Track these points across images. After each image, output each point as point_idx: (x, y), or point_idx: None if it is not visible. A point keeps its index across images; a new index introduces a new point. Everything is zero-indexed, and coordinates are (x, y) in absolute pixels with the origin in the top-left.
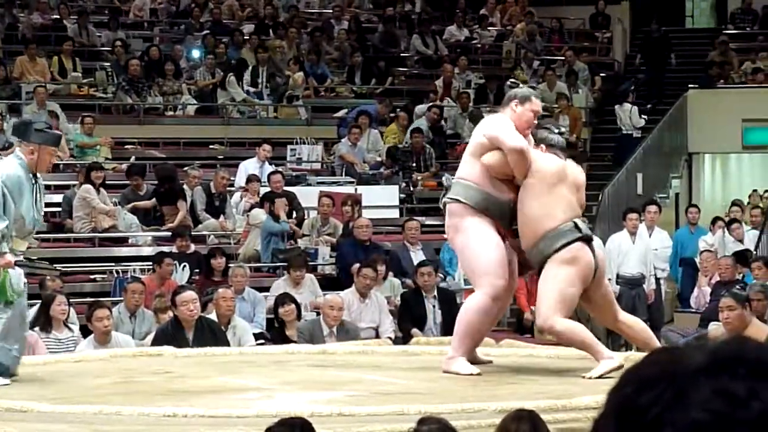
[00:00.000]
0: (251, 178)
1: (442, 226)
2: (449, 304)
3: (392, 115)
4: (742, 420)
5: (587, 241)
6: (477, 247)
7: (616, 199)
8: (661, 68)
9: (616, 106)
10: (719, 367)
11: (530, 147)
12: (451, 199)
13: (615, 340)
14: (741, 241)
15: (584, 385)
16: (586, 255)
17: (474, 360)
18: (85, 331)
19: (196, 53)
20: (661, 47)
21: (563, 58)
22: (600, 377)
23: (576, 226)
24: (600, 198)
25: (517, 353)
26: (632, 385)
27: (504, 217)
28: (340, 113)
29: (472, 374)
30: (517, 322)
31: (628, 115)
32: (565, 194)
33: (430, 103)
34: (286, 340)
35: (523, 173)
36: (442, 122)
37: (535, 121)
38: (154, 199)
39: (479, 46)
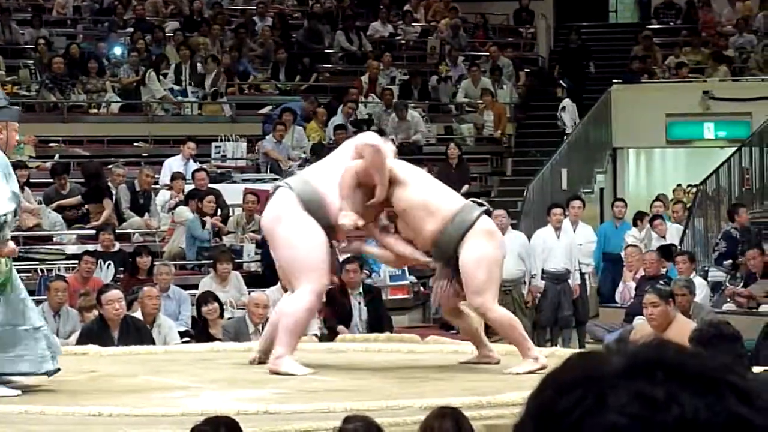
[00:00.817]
0: (176, 176)
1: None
2: (375, 300)
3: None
4: (661, 423)
5: (489, 214)
6: (304, 243)
7: (540, 194)
8: (581, 78)
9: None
10: (638, 370)
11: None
12: (285, 184)
13: (540, 336)
14: (664, 237)
15: (509, 382)
16: (495, 227)
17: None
18: None
19: (118, 50)
20: (580, 56)
21: (488, 53)
22: (519, 374)
23: (474, 202)
24: (525, 193)
25: (442, 350)
26: (551, 389)
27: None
28: (265, 110)
29: (305, 375)
30: (442, 319)
31: (570, 115)
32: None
33: (351, 100)
34: (210, 339)
35: (383, 181)
36: (366, 118)
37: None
38: (79, 197)
39: (403, 42)
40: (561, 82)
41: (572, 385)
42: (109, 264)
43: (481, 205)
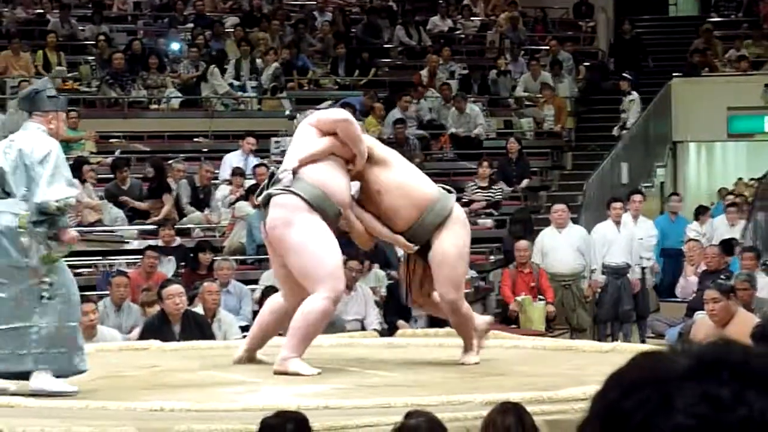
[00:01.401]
0: (236, 171)
1: None
2: None
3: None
4: (727, 424)
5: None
6: (318, 248)
7: (600, 188)
8: (637, 71)
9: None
10: (704, 371)
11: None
12: (284, 190)
13: (601, 330)
14: (734, 225)
15: (570, 377)
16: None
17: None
18: None
19: (177, 46)
20: (635, 49)
21: (547, 47)
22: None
23: (442, 188)
24: (585, 187)
25: (503, 345)
26: (617, 389)
27: (333, 223)
28: (324, 105)
29: (313, 374)
30: (502, 313)
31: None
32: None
33: (415, 96)
34: None
35: (362, 150)
36: (427, 113)
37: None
38: (148, 203)
39: (463, 36)
40: (625, 75)
41: (638, 386)
42: (170, 259)
43: (449, 191)
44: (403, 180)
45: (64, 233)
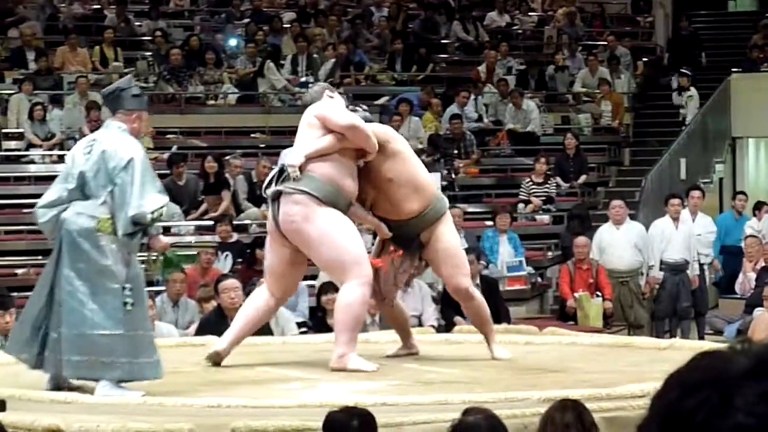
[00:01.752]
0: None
1: (485, 213)
2: (492, 292)
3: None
4: None
5: None
6: (341, 237)
7: (658, 184)
8: (694, 66)
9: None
10: (764, 370)
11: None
12: (296, 190)
13: (659, 327)
14: None
15: (627, 374)
16: None
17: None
18: None
19: (234, 42)
20: (692, 44)
21: (605, 42)
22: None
23: None
24: (643, 183)
25: (560, 341)
26: (677, 389)
27: (345, 213)
28: (381, 101)
29: (373, 370)
30: (560, 310)
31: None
32: None
33: (475, 92)
34: (328, 329)
35: (373, 145)
36: (483, 109)
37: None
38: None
39: (520, 31)
40: (684, 70)
41: (697, 386)
42: (227, 255)
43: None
44: (415, 173)
45: (156, 241)
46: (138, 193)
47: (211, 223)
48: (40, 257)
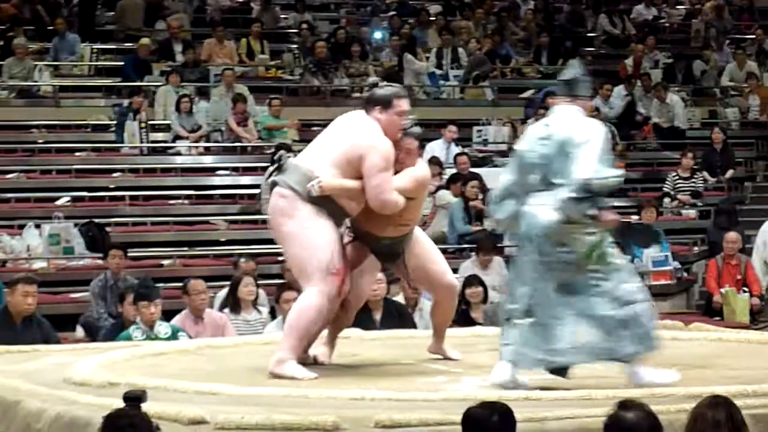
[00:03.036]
0: (432, 160)
1: (631, 207)
2: None
3: None
4: None
5: None
6: (314, 241)
7: None
8: None
9: None
10: None
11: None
12: (285, 184)
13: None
14: None
15: None
16: None
17: (305, 361)
18: (274, 313)
19: (379, 35)
20: None
21: (753, 36)
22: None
23: None
24: None
25: (706, 337)
26: None
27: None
28: (527, 94)
29: (311, 379)
30: (706, 305)
31: None
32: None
33: (629, 88)
34: (471, 323)
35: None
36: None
37: (404, 121)
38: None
39: (667, 25)
40: None
41: None
42: None
43: None
44: (419, 211)
45: (605, 213)
46: (591, 160)
47: None
48: (185, 248)
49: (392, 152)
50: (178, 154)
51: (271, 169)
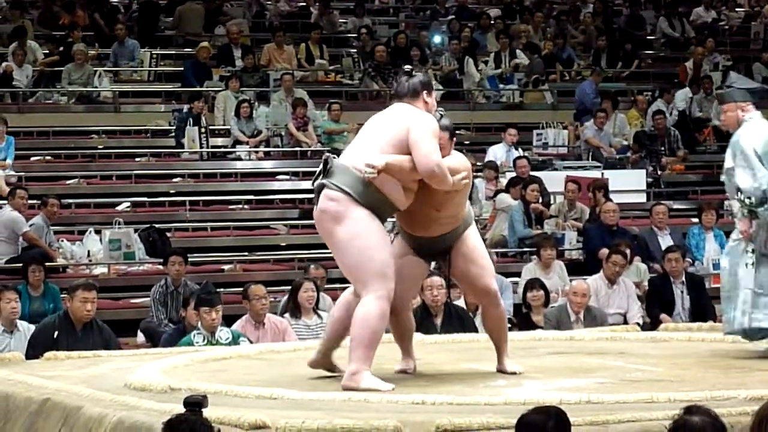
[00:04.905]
0: (489, 165)
1: (691, 210)
2: (698, 289)
3: (631, 99)
4: None
5: None
6: (368, 245)
7: None
8: None
9: None
10: None
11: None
12: (336, 186)
13: None
14: None
15: None
16: None
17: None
18: None
19: (438, 39)
20: None
21: None
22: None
23: None
24: None
25: None
26: None
27: (384, 219)
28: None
29: (388, 390)
30: None
31: None
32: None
33: (694, 90)
34: (533, 326)
35: (448, 188)
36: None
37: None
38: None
39: (726, 27)
40: None
41: None
42: None
43: None
44: (463, 205)
45: None
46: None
47: None
48: (246, 253)
49: (438, 127)
50: (238, 159)
51: (318, 170)
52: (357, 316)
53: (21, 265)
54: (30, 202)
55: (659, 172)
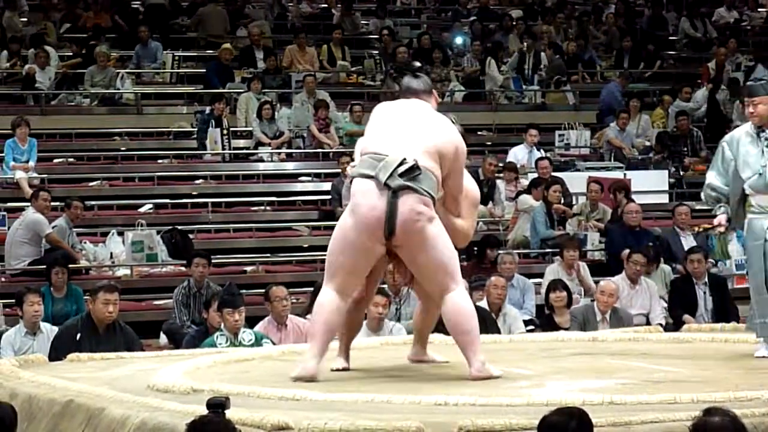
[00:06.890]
0: (509, 166)
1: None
2: (721, 290)
3: (654, 99)
4: None
5: None
6: (450, 242)
7: None
8: None
9: None
10: None
11: None
12: (425, 191)
13: None
14: None
15: None
16: None
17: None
18: None
19: (459, 40)
20: None
21: None
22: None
23: None
24: None
25: None
26: None
27: None
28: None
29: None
30: None
31: None
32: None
33: (704, 88)
34: (555, 327)
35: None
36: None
37: None
38: None
39: (749, 27)
40: None
41: None
42: None
43: None
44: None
45: None
46: None
47: None
48: (268, 254)
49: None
50: (261, 160)
51: (380, 166)
52: (465, 310)
53: (44, 267)
54: (53, 204)
55: (681, 173)
